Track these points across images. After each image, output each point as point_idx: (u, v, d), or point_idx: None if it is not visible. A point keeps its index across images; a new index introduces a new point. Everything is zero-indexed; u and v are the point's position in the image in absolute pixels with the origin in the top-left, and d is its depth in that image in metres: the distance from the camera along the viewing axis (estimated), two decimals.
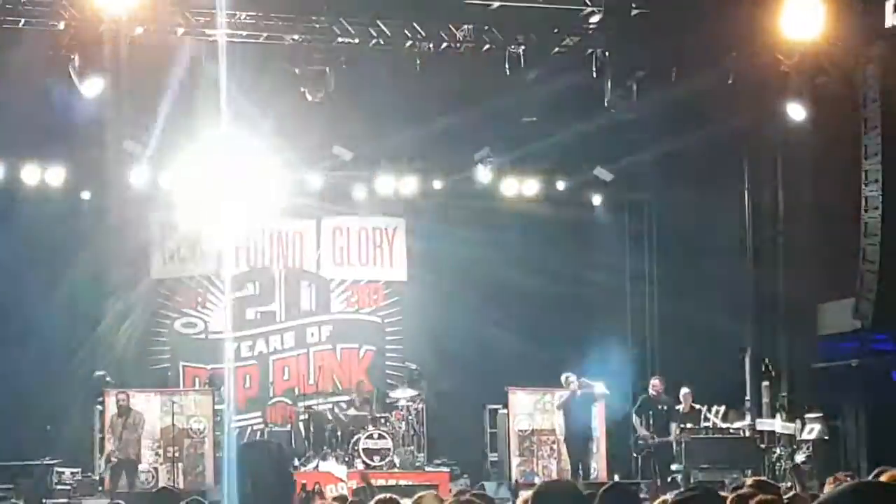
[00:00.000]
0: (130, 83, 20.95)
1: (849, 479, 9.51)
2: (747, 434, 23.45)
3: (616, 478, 22.85)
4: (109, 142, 23.35)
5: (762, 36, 20.31)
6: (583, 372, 22.99)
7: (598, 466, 23.72)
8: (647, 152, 25.21)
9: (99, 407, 22.80)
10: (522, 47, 20.67)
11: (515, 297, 25.74)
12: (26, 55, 19.88)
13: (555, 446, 23.98)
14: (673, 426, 23.25)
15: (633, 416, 23.57)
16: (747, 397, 24.64)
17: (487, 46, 20.76)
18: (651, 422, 23.36)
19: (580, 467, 22.70)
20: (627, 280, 26.94)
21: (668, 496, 7.83)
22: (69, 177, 24.18)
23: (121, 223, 24.44)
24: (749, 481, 9.13)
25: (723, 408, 23.50)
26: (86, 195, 24.52)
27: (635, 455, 23.59)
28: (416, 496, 8.33)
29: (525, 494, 6.68)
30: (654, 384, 23.78)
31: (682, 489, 9.48)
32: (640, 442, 23.44)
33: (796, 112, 21.43)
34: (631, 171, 26.21)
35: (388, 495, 8.56)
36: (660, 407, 23.51)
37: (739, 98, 21.62)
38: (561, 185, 26.46)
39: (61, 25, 19.19)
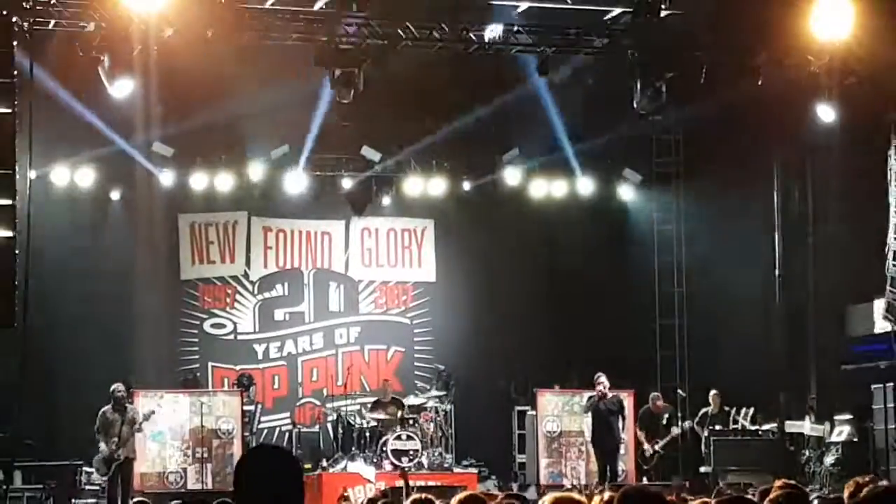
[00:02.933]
0: (160, 84, 21.03)
1: (869, 482, 9.42)
2: (776, 436, 23.39)
3: (644, 480, 22.82)
4: (139, 143, 23.47)
5: (791, 37, 20.22)
6: (612, 373, 22.92)
7: (627, 469, 23.65)
8: (675, 154, 25.18)
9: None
10: (552, 49, 20.64)
11: (544, 299, 25.71)
12: (56, 56, 19.97)
13: (583, 448, 23.91)
14: (674, 430, 23.37)
15: (637, 429, 23.67)
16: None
17: (517, 48, 20.73)
18: (650, 433, 23.52)
19: (608, 470, 22.65)
20: (656, 282, 26.86)
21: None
22: (98, 178, 24.28)
23: (150, 224, 24.53)
24: (778, 483, 9.09)
25: (752, 409, 23.46)
26: (115, 196, 24.61)
27: (645, 467, 23.58)
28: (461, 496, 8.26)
29: (551, 495, 6.59)
30: (656, 403, 23.85)
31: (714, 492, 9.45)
32: (647, 454, 23.53)
33: (826, 113, 21.34)
34: (660, 173, 26.19)
35: (424, 495, 8.52)
36: (662, 419, 23.62)
37: (769, 99, 21.51)
38: (590, 187, 26.41)
39: (91, 27, 19.24)
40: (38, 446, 22.10)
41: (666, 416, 23.87)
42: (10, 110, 17.73)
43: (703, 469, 23.12)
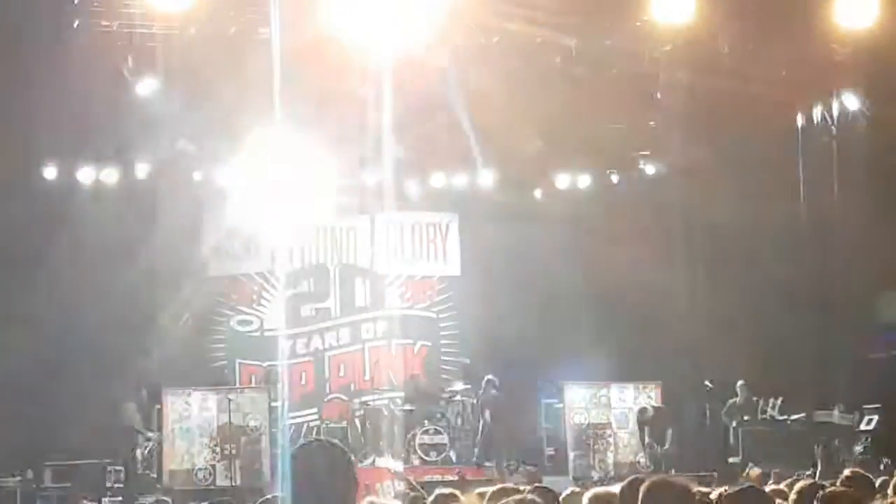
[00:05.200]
0: (184, 82, 21.06)
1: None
2: (805, 426, 23.31)
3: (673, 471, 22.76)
4: (163, 141, 23.48)
5: (815, 25, 20.13)
6: (639, 365, 22.89)
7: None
8: (699, 144, 24.97)
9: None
10: (574, 40, 20.59)
11: (568, 292, 25.56)
12: (80, 56, 20.00)
13: (611, 440, 23.92)
14: (669, 432, 23.23)
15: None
16: None
17: (539, 39, 20.68)
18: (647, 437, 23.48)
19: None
20: (681, 273, 26.67)
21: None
22: (123, 177, 24.31)
23: (175, 222, 24.52)
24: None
25: (780, 399, 23.38)
26: (139, 194, 24.60)
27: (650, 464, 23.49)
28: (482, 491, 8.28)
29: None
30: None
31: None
32: (649, 450, 23.46)
33: (850, 102, 21.25)
34: (684, 165, 26.00)
35: (449, 490, 8.53)
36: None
37: (793, 88, 21.42)
38: (614, 178, 26.36)
39: (115, 26, 19.30)
40: (67, 445, 22.18)
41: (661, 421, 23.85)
42: None
43: (731, 460, 23.04)
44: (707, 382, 25.23)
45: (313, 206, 25.70)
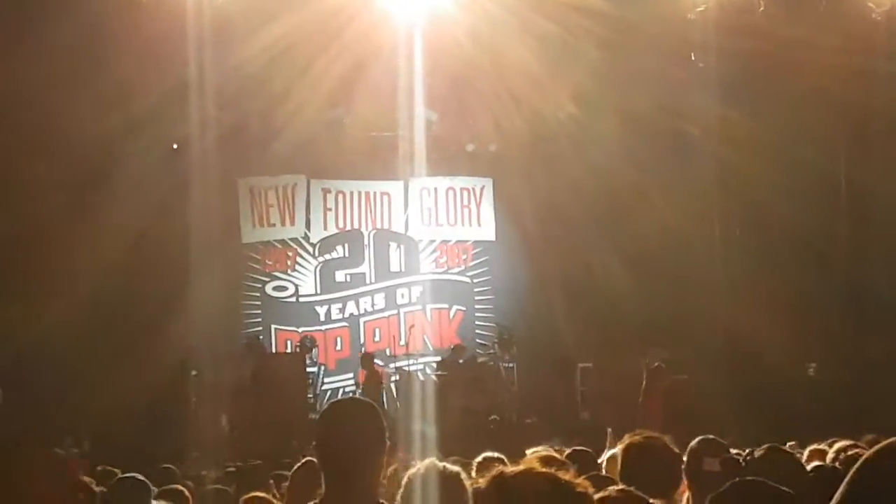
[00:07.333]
0: (217, 49, 21.05)
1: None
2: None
3: None
4: (197, 107, 23.43)
5: None
6: (669, 333, 22.77)
7: None
8: (733, 108, 24.62)
9: None
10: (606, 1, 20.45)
11: (602, 256, 25.33)
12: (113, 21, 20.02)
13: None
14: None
15: None
16: None
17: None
18: None
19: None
20: (717, 236, 26.31)
21: None
22: (158, 142, 24.29)
23: (209, 189, 24.50)
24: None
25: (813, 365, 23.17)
26: (175, 159, 24.56)
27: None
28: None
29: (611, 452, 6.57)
30: None
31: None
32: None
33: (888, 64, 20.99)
34: (717, 127, 25.68)
35: (494, 454, 8.56)
36: None
37: (827, 49, 21.12)
38: (649, 142, 26.13)
39: None
40: (104, 413, 22.21)
41: None
42: None
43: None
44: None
45: (346, 171, 25.72)
